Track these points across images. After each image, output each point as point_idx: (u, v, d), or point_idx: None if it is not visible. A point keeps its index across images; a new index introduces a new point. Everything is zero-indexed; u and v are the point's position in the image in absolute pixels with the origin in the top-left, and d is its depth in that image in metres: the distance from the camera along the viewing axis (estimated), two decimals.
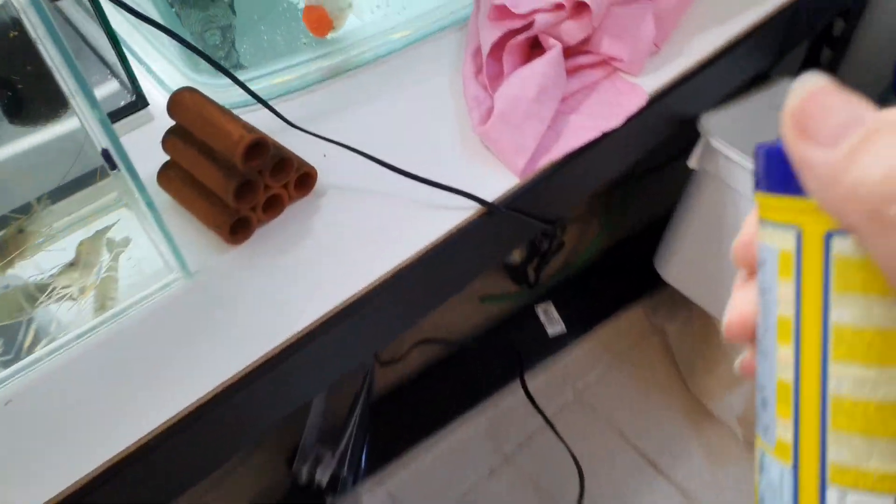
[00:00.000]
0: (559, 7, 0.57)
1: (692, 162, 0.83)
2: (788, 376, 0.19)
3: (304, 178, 0.53)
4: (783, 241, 0.19)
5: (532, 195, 0.56)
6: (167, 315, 0.47)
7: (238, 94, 0.61)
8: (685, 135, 0.81)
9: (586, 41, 0.61)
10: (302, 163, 0.52)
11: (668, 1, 0.63)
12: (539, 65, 0.56)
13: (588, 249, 1.27)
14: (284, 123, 0.56)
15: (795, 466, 0.19)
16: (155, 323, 0.47)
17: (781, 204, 0.18)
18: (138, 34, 0.70)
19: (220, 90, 0.61)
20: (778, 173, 0.18)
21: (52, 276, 0.46)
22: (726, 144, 0.78)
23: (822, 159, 0.16)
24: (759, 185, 0.19)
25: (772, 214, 0.19)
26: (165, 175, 0.52)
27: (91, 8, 0.51)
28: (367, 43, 0.65)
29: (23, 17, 0.38)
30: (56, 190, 0.48)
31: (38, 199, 0.46)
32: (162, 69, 0.65)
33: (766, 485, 0.20)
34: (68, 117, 0.39)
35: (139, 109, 0.61)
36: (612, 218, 1.30)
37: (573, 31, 0.58)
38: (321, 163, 0.54)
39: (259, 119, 0.53)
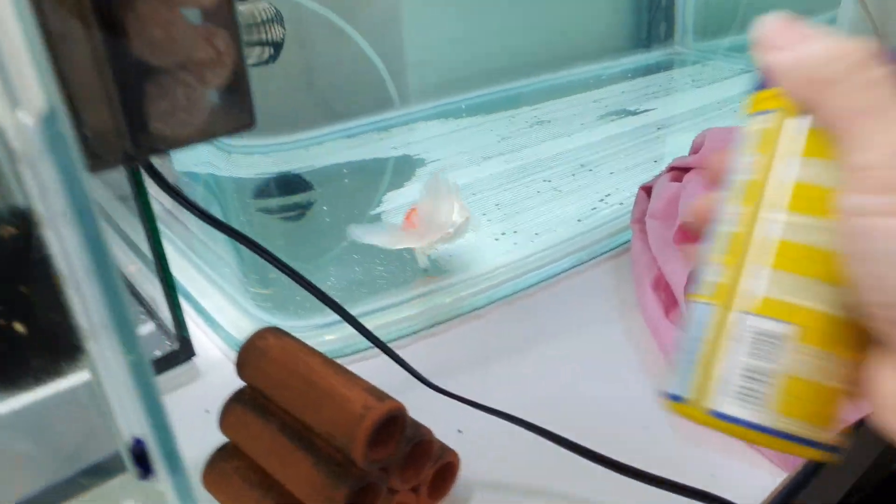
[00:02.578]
0: None
1: None
2: (735, 228, 0.23)
3: (440, 473, 0.32)
4: (757, 123, 0.24)
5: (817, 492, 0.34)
6: None
7: (329, 340, 0.43)
8: None
9: None
10: (442, 447, 0.32)
11: None
12: None
13: None
14: (410, 380, 0.37)
15: (719, 296, 0.23)
16: None
17: (764, 96, 0.24)
18: (178, 254, 0.55)
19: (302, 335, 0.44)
20: (761, 83, 0.24)
21: None
22: None
23: (782, 60, 0.22)
24: (751, 89, 0.24)
25: (757, 105, 0.24)
26: (220, 470, 0.32)
27: (136, 203, 0.35)
28: (496, 275, 0.48)
29: (37, 202, 0.20)
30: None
31: None
32: (215, 305, 0.48)
33: (687, 324, 0.24)
34: (73, 375, 0.21)
35: (181, 362, 0.43)
36: None
37: None
38: (455, 442, 0.34)
39: (363, 374, 0.34)
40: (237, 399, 0.32)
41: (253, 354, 0.32)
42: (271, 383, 0.31)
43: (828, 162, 0.22)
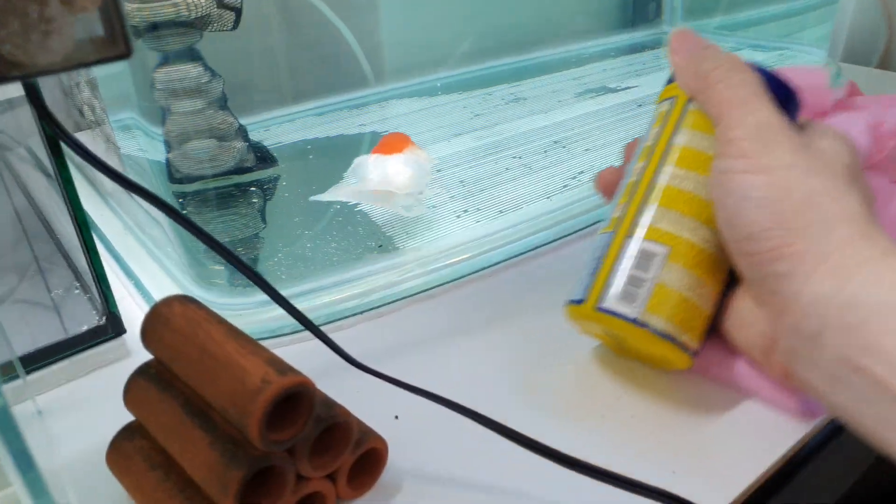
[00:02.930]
0: None
1: None
2: (636, 178, 0.33)
3: (365, 461, 0.29)
4: (663, 107, 0.34)
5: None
6: None
7: (266, 319, 0.40)
8: None
9: None
10: (366, 431, 0.29)
11: None
12: None
13: None
14: (338, 362, 0.34)
15: (617, 227, 0.32)
16: None
17: (671, 88, 0.34)
18: (119, 223, 0.52)
19: (238, 313, 0.41)
20: (671, 78, 0.34)
21: None
22: None
23: (678, 61, 0.33)
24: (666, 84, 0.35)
25: (665, 94, 0.34)
26: (122, 450, 0.29)
27: (50, 164, 0.32)
28: (453, 253, 0.45)
29: None
30: None
31: None
32: (154, 282, 0.45)
33: (591, 250, 0.33)
34: None
35: (109, 339, 0.40)
36: None
37: None
38: (390, 428, 0.31)
39: (297, 356, 0.31)
40: (141, 372, 0.29)
41: (156, 322, 0.29)
42: (172, 354, 0.28)
43: (706, 135, 0.31)
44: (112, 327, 0.40)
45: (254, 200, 0.55)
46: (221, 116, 0.56)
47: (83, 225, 0.37)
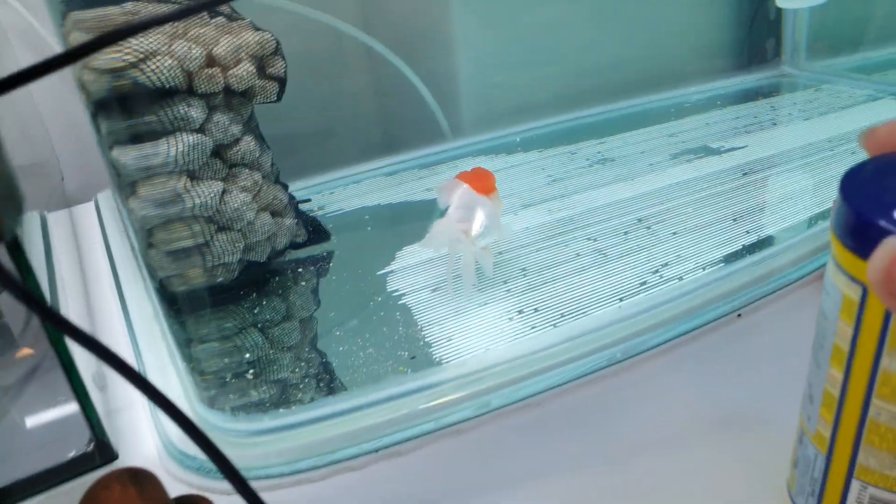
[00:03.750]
0: None
1: None
2: (835, 392, 0.24)
3: None
4: (848, 289, 0.22)
5: None
6: None
7: (268, 452, 0.34)
8: None
9: None
10: None
11: None
12: None
13: None
14: None
15: (828, 458, 0.25)
16: None
17: (855, 261, 0.21)
18: (150, 306, 0.48)
19: (240, 440, 0.35)
20: (862, 238, 0.21)
21: None
22: None
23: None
24: (840, 229, 0.22)
25: (844, 262, 0.22)
26: None
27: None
28: (492, 376, 0.38)
29: None
30: None
31: None
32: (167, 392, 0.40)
33: (801, 456, 0.27)
34: None
35: (98, 466, 0.36)
36: None
37: None
38: None
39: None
40: None
41: None
42: None
43: None
44: (100, 455, 0.35)
45: (301, 283, 0.50)
46: (273, 192, 0.52)
47: (66, 357, 0.33)
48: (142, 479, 0.25)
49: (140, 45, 0.42)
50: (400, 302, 0.45)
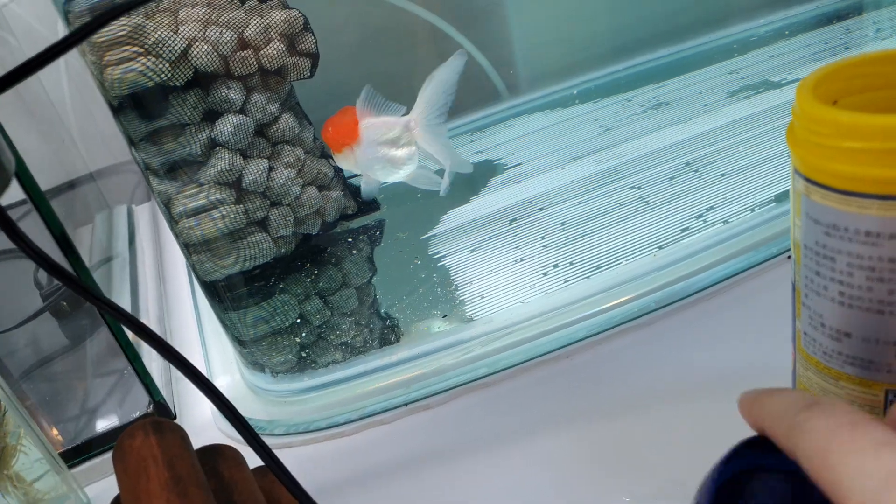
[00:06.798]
0: None
1: None
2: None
3: None
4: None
5: None
6: None
7: (309, 409, 0.36)
8: None
9: None
10: None
11: None
12: None
13: None
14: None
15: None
16: None
17: None
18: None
19: (284, 399, 0.38)
20: None
21: None
22: None
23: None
24: None
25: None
26: None
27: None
28: (521, 330, 0.38)
29: None
30: None
31: None
32: (220, 356, 0.44)
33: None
34: None
35: None
36: None
37: None
38: None
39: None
40: None
41: (117, 460, 0.26)
42: (124, 497, 0.25)
43: None
44: (159, 415, 0.39)
45: (354, 251, 0.52)
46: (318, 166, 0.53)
47: (117, 327, 0.36)
48: (163, 429, 0.27)
49: (184, 32, 0.44)
50: (440, 264, 0.46)
